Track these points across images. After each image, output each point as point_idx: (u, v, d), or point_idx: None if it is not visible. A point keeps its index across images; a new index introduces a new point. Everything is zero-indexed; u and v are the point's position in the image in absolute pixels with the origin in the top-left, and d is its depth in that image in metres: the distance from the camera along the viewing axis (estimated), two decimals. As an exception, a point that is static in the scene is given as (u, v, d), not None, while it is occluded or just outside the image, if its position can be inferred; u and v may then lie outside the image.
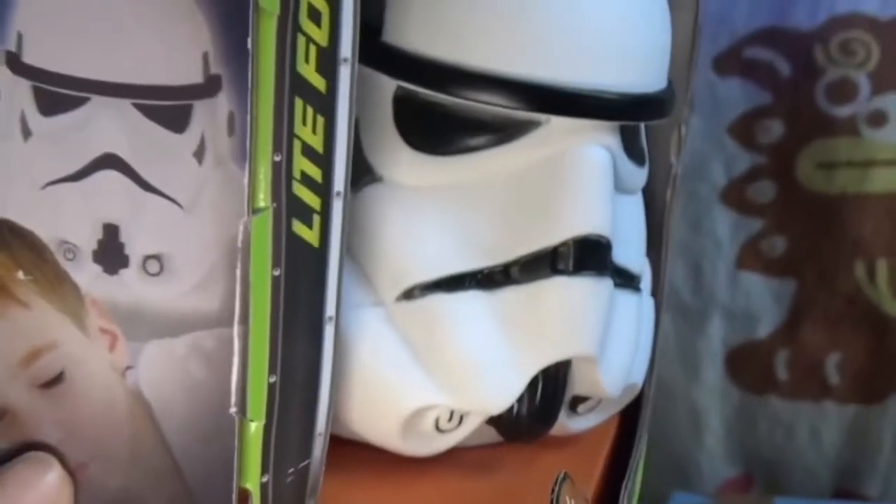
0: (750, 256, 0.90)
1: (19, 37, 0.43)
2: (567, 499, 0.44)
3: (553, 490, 0.43)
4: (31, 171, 0.44)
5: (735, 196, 0.89)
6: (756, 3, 0.85)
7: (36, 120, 0.43)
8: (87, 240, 0.43)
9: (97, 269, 0.44)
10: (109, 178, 0.43)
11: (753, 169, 0.88)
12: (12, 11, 0.43)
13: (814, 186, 0.88)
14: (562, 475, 0.45)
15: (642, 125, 0.56)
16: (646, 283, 0.58)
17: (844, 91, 0.85)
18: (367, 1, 0.49)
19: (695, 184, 0.89)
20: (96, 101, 0.42)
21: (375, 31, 0.50)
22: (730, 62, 0.87)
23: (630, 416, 0.59)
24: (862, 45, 0.85)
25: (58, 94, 0.43)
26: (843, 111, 0.86)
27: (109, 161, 0.42)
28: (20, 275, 0.45)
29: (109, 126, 0.42)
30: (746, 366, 0.92)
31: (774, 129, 0.88)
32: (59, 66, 0.42)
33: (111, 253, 0.43)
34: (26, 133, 0.44)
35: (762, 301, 0.91)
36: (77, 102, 0.42)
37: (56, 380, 0.45)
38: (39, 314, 0.45)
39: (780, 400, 0.91)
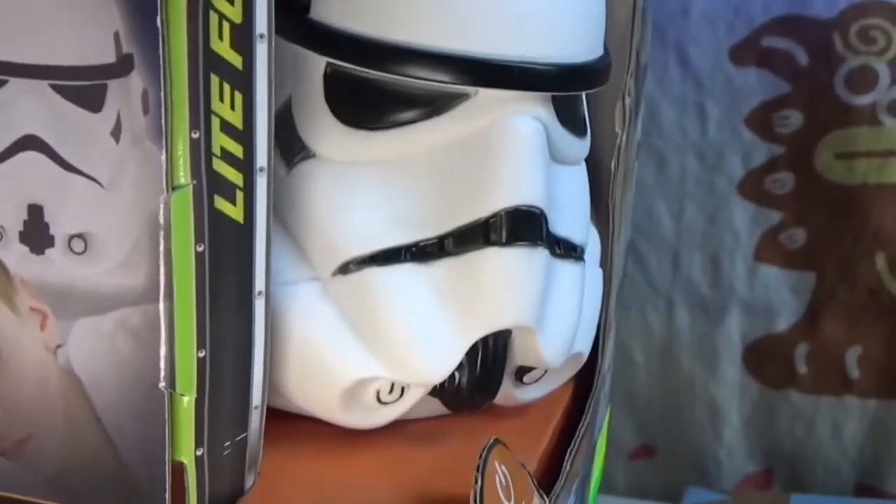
0: (769, 249, 0.89)
1: None
2: (496, 464, 0.44)
3: (480, 456, 0.43)
4: None
5: (753, 188, 0.88)
6: (773, -9, 0.84)
7: None
8: (14, 221, 0.44)
9: (24, 249, 0.44)
10: (31, 160, 0.43)
11: (771, 160, 0.87)
12: None
13: (833, 177, 0.86)
14: (491, 441, 0.45)
15: (583, 95, 0.56)
16: (592, 253, 0.58)
17: (864, 80, 0.84)
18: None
19: (712, 175, 0.88)
20: (14, 83, 0.43)
21: (304, 9, 0.51)
22: (747, 52, 0.85)
23: (585, 388, 0.60)
24: (882, 32, 0.83)
25: None
26: (863, 100, 0.84)
27: (30, 142, 0.43)
28: None
29: (28, 108, 0.43)
30: (766, 360, 0.91)
31: (793, 120, 0.86)
32: None
33: (37, 233, 0.44)
34: None
35: (781, 294, 0.89)
36: None
37: None
38: None
39: (800, 394, 0.90)
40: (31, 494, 0.47)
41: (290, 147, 0.52)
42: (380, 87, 0.50)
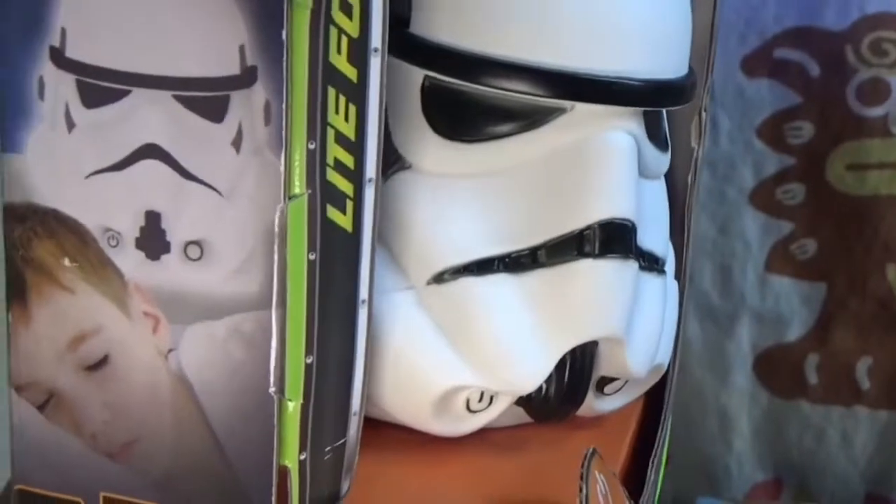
0: (779, 259, 0.90)
1: (63, 32, 0.45)
2: (596, 473, 0.45)
3: (583, 465, 0.44)
4: (75, 161, 0.46)
5: (764, 198, 0.89)
6: (785, 3, 0.85)
7: (79, 112, 0.45)
8: (130, 227, 0.45)
9: (140, 255, 0.45)
10: (151, 168, 0.44)
11: (783, 171, 0.88)
12: (56, 8, 0.45)
13: (845, 188, 0.87)
14: (591, 451, 0.46)
15: (664, 111, 0.57)
16: (670, 265, 0.59)
17: (876, 92, 0.85)
18: (396, -6, 0.51)
19: (723, 186, 0.89)
20: (137, 93, 0.44)
21: (404, 23, 0.51)
22: (759, 63, 0.86)
23: (654, 398, 0.61)
24: (894, 44, 0.84)
25: (100, 86, 0.44)
26: (875, 112, 0.85)
27: (151, 151, 0.44)
28: (66, 261, 0.46)
29: (150, 117, 0.44)
30: (776, 369, 0.92)
31: (804, 131, 0.87)
32: (101, 59, 0.44)
33: (153, 239, 0.45)
34: (70, 125, 0.45)
35: (792, 304, 0.90)
36: (119, 95, 0.44)
37: (101, 363, 0.47)
38: (84, 299, 0.47)
39: (810, 404, 0.91)
40: (137, 496, 0.47)
41: (386, 158, 0.53)
42: (477, 100, 0.51)
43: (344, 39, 0.42)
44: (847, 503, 0.91)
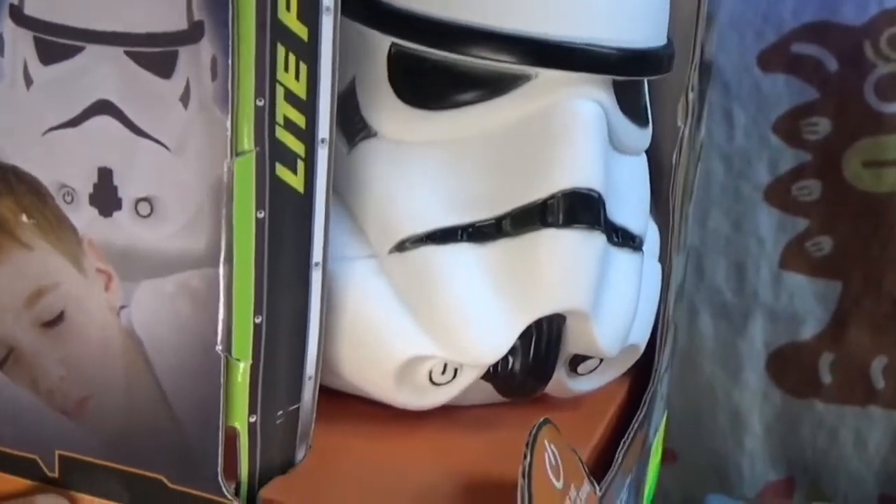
0: (794, 257, 0.89)
1: None
2: (546, 443, 0.44)
3: (530, 433, 0.44)
4: (33, 118, 0.46)
5: (779, 195, 0.88)
6: (803, -3, 0.84)
7: (37, 69, 0.45)
8: (84, 184, 0.45)
9: (93, 211, 0.45)
10: (104, 124, 0.44)
11: (799, 167, 0.87)
12: None
13: (861, 185, 0.86)
14: (541, 420, 0.45)
15: (645, 84, 0.56)
16: (651, 246, 0.58)
17: (894, 87, 0.83)
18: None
19: (738, 182, 0.88)
20: (90, 49, 0.44)
21: None
22: (775, 58, 0.85)
23: (642, 386, 0.59)
24: (913, 40, 0.84)
25: (56, 43, 0.45)
26: (893, 108, 0.83)
27: (103, 107, 0.44)
28: (24, 218, 0.47)
29: (103, 73, 0.44)
30: (789, 368, 0.90)
31: (821, 127, 0.86)
32: (57, 16, 0.44)
33: (105, 196, 0.45)
34: (28, 82, 0.46)
35: (806, 302, 0.89)
36: (73, 51, 0.44)
37: (57, 319, 0.47)
38: (41, 256, 0.47)
39: (823, 404, 0.90)
40: (91, 455, 0.47)
41: (353, 126, 0.53)
42: (442, 67, 0.51)
43: (293, -4, 0.42)
44: (860, 503, 0.90)
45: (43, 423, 0.48)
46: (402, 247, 0.51)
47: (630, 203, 0.54)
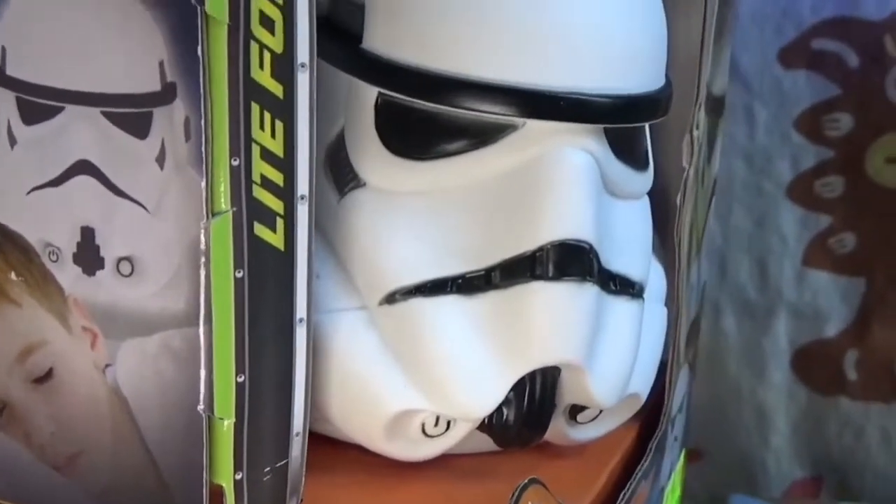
0: (818, 254, 0.88)
1: (3, 50, 0.45)
2: (529, 505, 0.44)
3: (512, 495, 0.43)
4: (17, 177, 0.46)
5: (802, 192, 0.88)
6: (823, -7, 0.83)
7: (20, 129, 0.45)
8: (68, 242, 0.45)
9: (77, 270, 0.45)
10: (84, 184, 0.44)
11: (821, 163, 0.87)
12: None
13: (884, 181, 0.86)
14: (526, 480, 0.44)
15: (645, 127, 0.55)
16: (656, 290, 0.57)
17: (917, 83, 0.82)
18: (347, 10, 0.50)
19: (760, 179, 0.88)
20: (70, 109, 0.44)
21: (356, 39, 0.51)
22: (796, 54, 0.85)
23: (652, 430, 0.58)
24: (935, 35, 0.83)
25: (37, 103, 0.45)
26: (916, 103, 0.83)
27: (83, 167, 0.44)
28: (12, 275, 0.47)
29: (82, 133, 0.44)
30: (814, 365, 0.90)
31: (843, 123, 0.86)
32: (38, 77, 0.44)
33: (88, 255, 0.45)
34: (12, 141, 0.46)
35: (830, 300, 0.89)
36: (54, 111, 0.44)
37: (46, 375, 0.47)
38: (30, 313, 0.47)
39: (849, 401, 0.90)
40: (80, 510, 0.48)
41: (343, 176, 0.52)
42: (428, 117, 0.50)
43: (267, 55, 0.41)
44: (888, 501, 0.90)
45: (36, 476, 0.48)
46: (391, 299, 0.50)
47: (629, 249, 0.53)
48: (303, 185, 0.44)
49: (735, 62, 0.84)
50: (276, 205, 0.43)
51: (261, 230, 0.43)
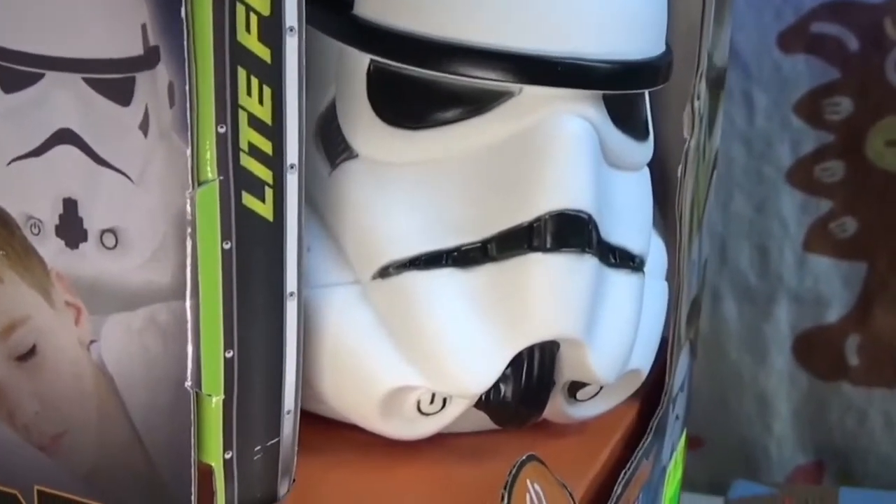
0: (818, 238, 0.88)
1: None
2: (528, 483, 0.42)
3: (509, 472, 0.42)
4: None
5: (802, 176, 0.87)
6: (823, -24, 0.82)
7: (0, 98, 0.44)
8: (50, 214, 0.44)
9: (60, 243, 0.44)
10: (66, 153, 0.43)
11: (821, 148, 0.86)
12: None
13: (885, 165, 0.85)
14: (524, 457, 0.43)
15: (644, 96, 0.53)
16: (657, 265, 0.56)
17: (917, 66, 0.82)
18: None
19: (760, 164, 0.87)
20: (50, 76, 0.42)
21: (347, 5, 0.49)
22: (795, 38, 0.84)
23: (653, 408, 0.57)
24: (935, 17, 0.82)
25: (17, 70, 0.43)
26: (916, 86, 0.82)
27: (65, 136, 0.43)
28: None
29: (63, 101, 0.42)
30: (816, 351, 0.90)
31: (843, 107, 0.85)
32: (15, 42, 0.43)
33: (71, 227, 0.44)
34: None
35: (831, 285, 0.88)
36: (34, 79, 0.43)
37: (30, 353, 0.46)
38: (13, 288, 0.46)
39: (851, 386, 0.89)
40: (68, 490, 0.46)
41: (335, 147, 0.51)
42: (422, 84, 0.49)
43: (253, 17, 0.40)
44: (891, 486, 0.89)
45: (22, 457, 0.47)
46: (384, 273, 0.49)
47: (629, 221, 0.52)
48: (292, 154, 0.42)
49: (734, 47, 0.83)
50: (264, 174, 0.42)
51: (249, 200, 0.42)
